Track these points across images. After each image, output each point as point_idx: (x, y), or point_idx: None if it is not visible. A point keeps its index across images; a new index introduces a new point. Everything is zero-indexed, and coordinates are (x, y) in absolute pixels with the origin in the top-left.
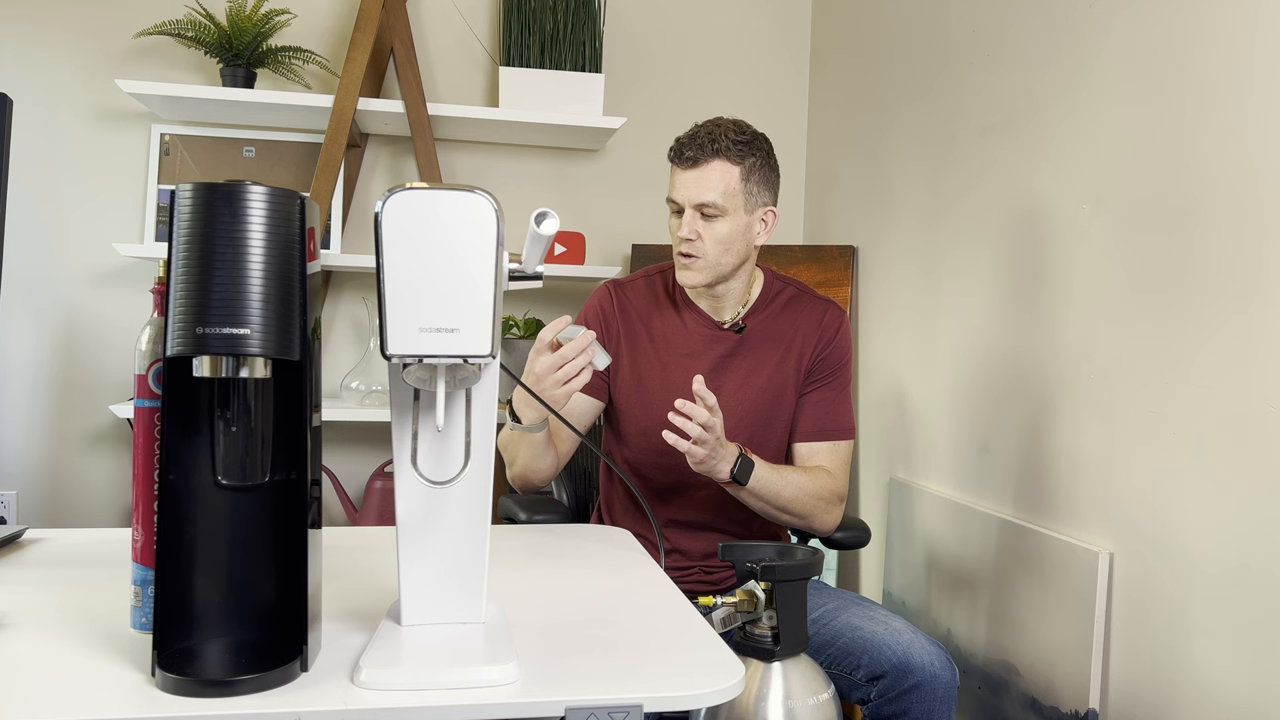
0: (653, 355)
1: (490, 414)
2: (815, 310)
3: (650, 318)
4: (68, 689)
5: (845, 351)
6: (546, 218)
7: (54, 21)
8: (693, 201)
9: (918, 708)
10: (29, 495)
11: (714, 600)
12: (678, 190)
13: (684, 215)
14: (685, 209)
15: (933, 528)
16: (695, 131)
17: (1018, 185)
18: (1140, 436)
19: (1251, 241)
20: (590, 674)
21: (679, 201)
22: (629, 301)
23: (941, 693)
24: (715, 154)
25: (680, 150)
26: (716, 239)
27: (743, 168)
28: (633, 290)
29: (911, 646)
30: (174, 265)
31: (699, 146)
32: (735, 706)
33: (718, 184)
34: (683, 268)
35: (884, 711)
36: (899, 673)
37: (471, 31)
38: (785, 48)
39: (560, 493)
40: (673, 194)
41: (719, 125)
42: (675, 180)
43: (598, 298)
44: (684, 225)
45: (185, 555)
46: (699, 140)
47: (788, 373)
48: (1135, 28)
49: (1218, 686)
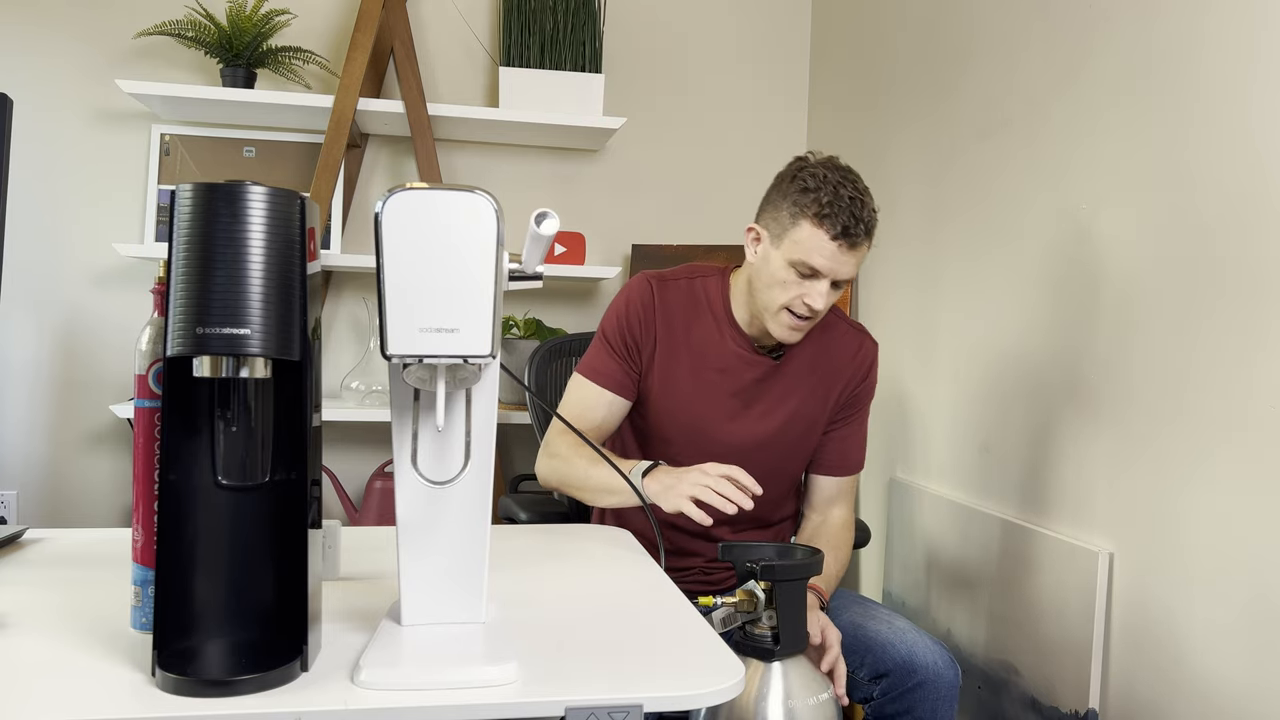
0: (685, 361)
1: (490, 414)
2: (850, 342)
3: (690, 324)
4: (68, 689)
5: (873, 387)
6: (546, 218)
7: (54, 22)
8: (840, 277)
9: (921, 707)
10: (29, 495)
11: (714, 600)
12: (826, 260)
13: (819, 284)
14: (825, 279)
15: (933, 528)
16: (854, 205)
17: (1017, 185)
18: (1140, 436)
19: (1252, 241)
20: (590, 674)
21: (825, 273)
22: (671, 301)
23: (945, 692)
24: (870, 234)
25: (846, 228)
26: (832, 303)
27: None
28: (675, 290)
29: (915, 646)
30: (174, 265)
31: (864, 228)
32: (735, 706)
33: (859, 261)
34: (796, 329)
35: (887, 710)
36: (903, 672)
37: (471, 31)
38: (785, 48)
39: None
40: (817, 264)
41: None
42: (828, 253)
43: (638, 290)
44: (818, 295)
45: (185, 555)
46: (862, 219)
47: (816, 405)
48: (1135, 28)
49: (1218, 686)
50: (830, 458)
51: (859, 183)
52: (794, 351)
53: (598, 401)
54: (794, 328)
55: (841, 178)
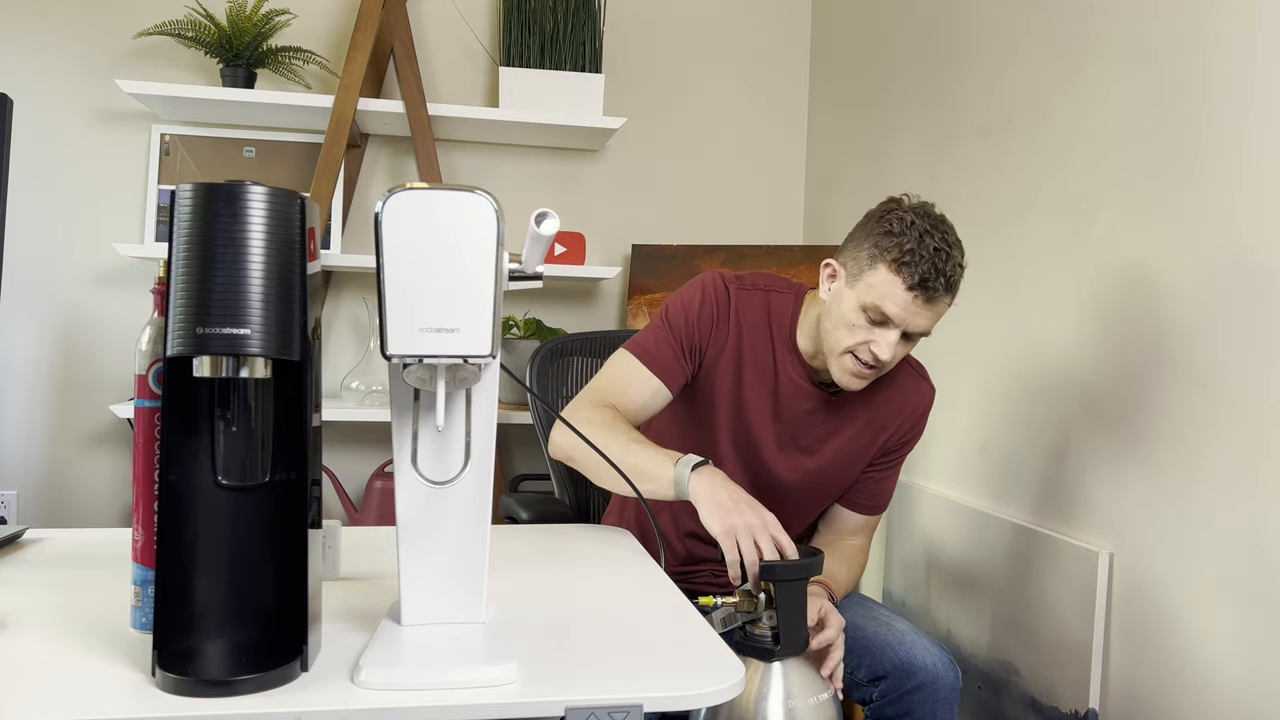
0: (744, 374)
1: (490, 414)
2: (908, 387)
3: (757, 337)
4: (68, 689)
5: (921, 433)
6: (546, 218)
7: (54, 21)
8: (913, 329)
9: (920, 708)
10: (29, 495)
11: (714, 600)
12: (902, 310)
13: (890, 333)
14: (897, 329)
15: (933, 528)
16: (938, 258)
17: (1017, 185)
18: (1140, 436)
19: (1252, 241)
20: (590, 674)
21: (896, 323)
22: (745, 309)
23: (944, 694)
24: (952, 290)
25: (925, 280)
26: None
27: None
28: (748, 301)
29: (914, 647)
30: (174, 265)
31: (945, 284)
32: (735, 706)
33: (938, 316)
34: (859, 377)
35: (886, 712)
36: (901, 674)
37: (471, 31)
38: (785, 48)
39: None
40: (890, 311)
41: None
42: (902, 302)
43: (714, 289)
44: (887, 346)
45: (185, 555)
46: (945, 273)
47: (863, 446)
48: (1135, 27)
49: (1218, 686)
50: (862, 497)
51: (950, 234)
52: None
53: (645, 385)
54: (857, 374)
55: (930, 226)
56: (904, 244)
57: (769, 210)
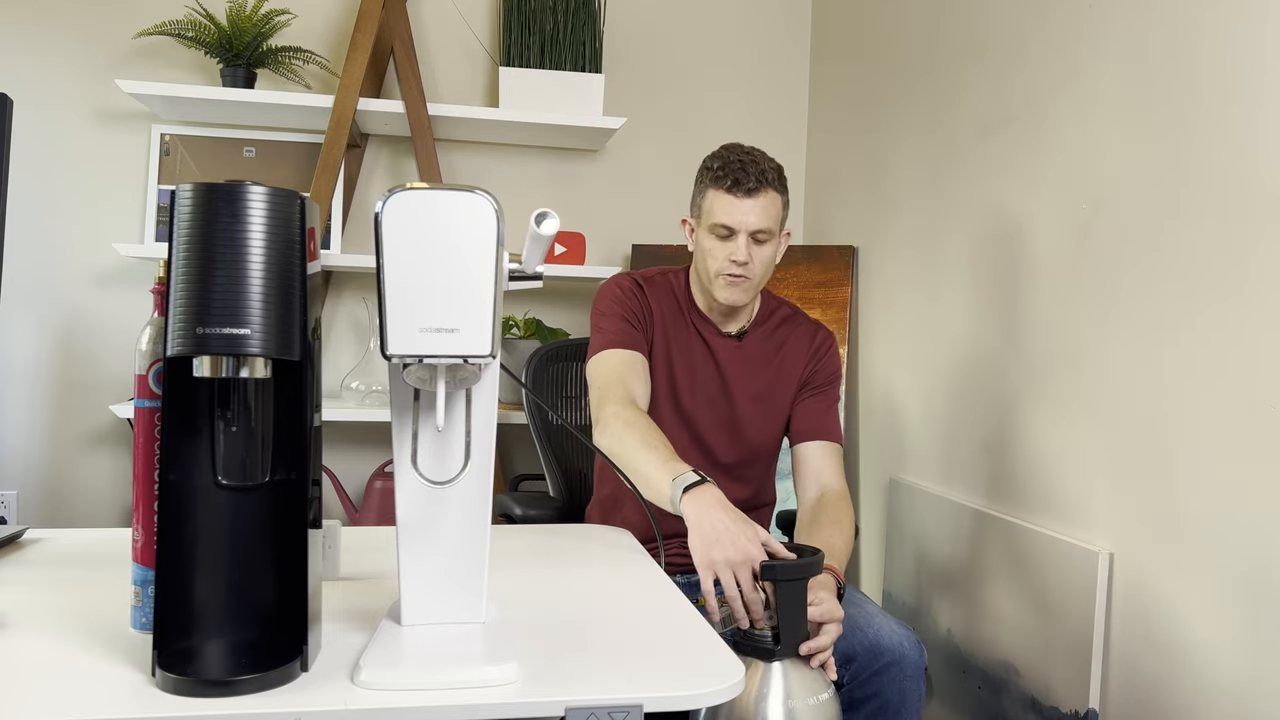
0: (670, 349)
1: (490, 414)
2: (807, 331)
3: (670, 319)
4: (68, 689)
5: (835, 369)
6: (546, 218)
7: (54, 22)
8: (751, 228)
9: (889, 688)
10: (29, 495)
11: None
12: (733, 216)
13: (737, 240)
14: (740, 234)
15: (933, 528)
16: (743, 160)
17: (1018, 185)
18: (1140, 436)
19: (1252, 240)
20: (590, 674)
21: (734, 228)
22: (654, 299)
23: (910, 671)
24: (768, 184)
25: (737, 179)
26: (763, 261)
27: (784, 198)
28: (654, 289)
29: (881, 629)
30: (174, 265)
31: (757, 177)
32: (735, 706)
33: (770, 211)
34: (731, 286)
35: (858, 694)
36: (869, 655)
37: (471, 31)
38: (785, 48)
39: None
40: (725, 220)
41: (759, 155)
42: (728, 206)
43: (628, 283)
44: (739, 250)
45: (185, 555)
46: (753, 171)
47: (783, 385)
48: (1135, 27)
49: (1218, 686)
50: (805, 424)
51: (755, 149)
52: (755, 335)
53: (632, 367)
54: (731, 284)
55: (731, 148)
56: (713, 164)
57: None
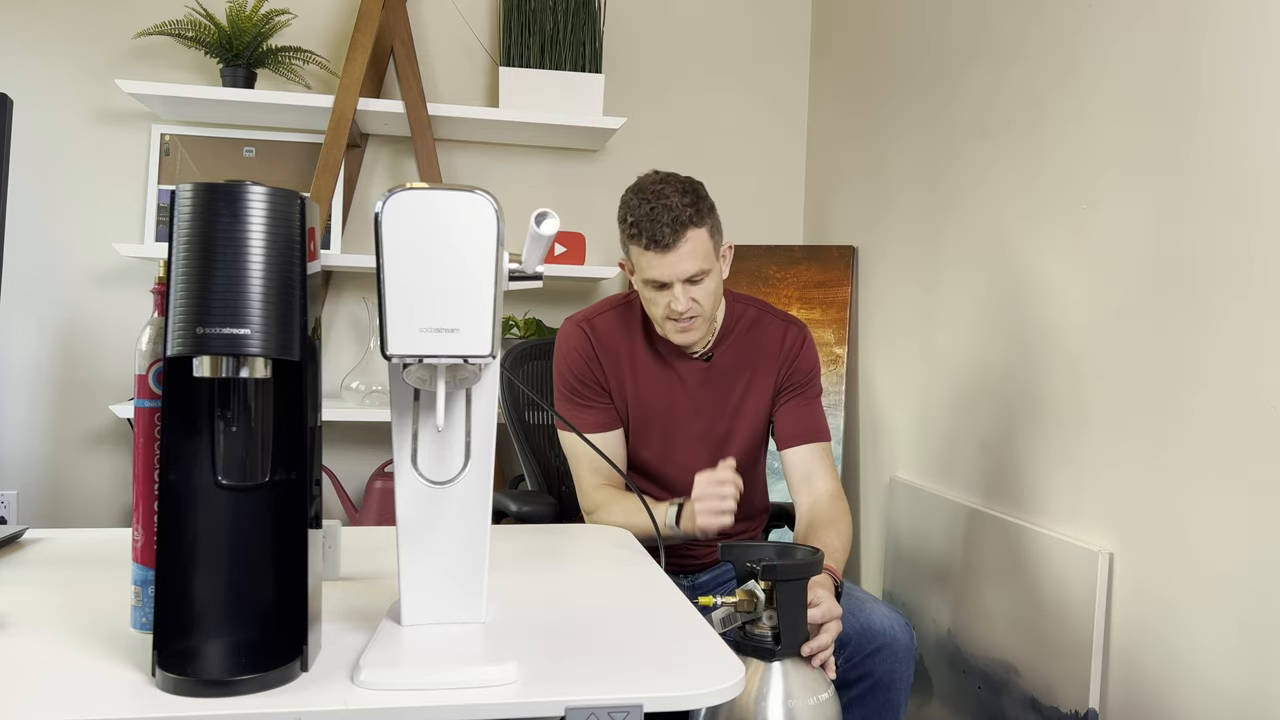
0: (631, 383)
1: (490, 414)
2: (777, 330)
3: (629, 350)
4: (68, 689)
5: (811, 365)
6: (546, 218)
7: (54, 21)
8: (682, 277)
9: (880, 669)
10: (29, 495)
11: (714, 600)
12: (659, 271)
13: (673, 290)
14: (674, 284)
15: (933, 528)
16: (653, 211)
17: (1017, 185)
18: (1140, 436)
19: (1252, 241)
20: (590, 674)
21: (663, 280)
22: (604, 337)
23: (901, 654)
24: (685, 226)
25: (653, 237)
26: (707, 294)
27: (707, 226)
28: (604, 325)
29: (873, 614)
30: (174, 265)
31: (672, 227)
32: (735, 706)
33: (696, 251)
34: (684, 330)
35: (850, 675)
36: (862, 638)
37: (471, 31)
38: (785, 48)
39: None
40: (652, 275)
41: (668, 198)
42: (651, 263)
43: (574, 340)
44: (678, 299)
45: (185, 555)
46: (664, 222)
47: (758, 393)
48: (1135, 27)
49: (1218, 686)
50: (791, 428)
51: (664, 186)
52: (727, 350)
53: (603, 443)
54: (681, 330)
55: (642, 191)
56: (627, 219)
57: (769, 210)
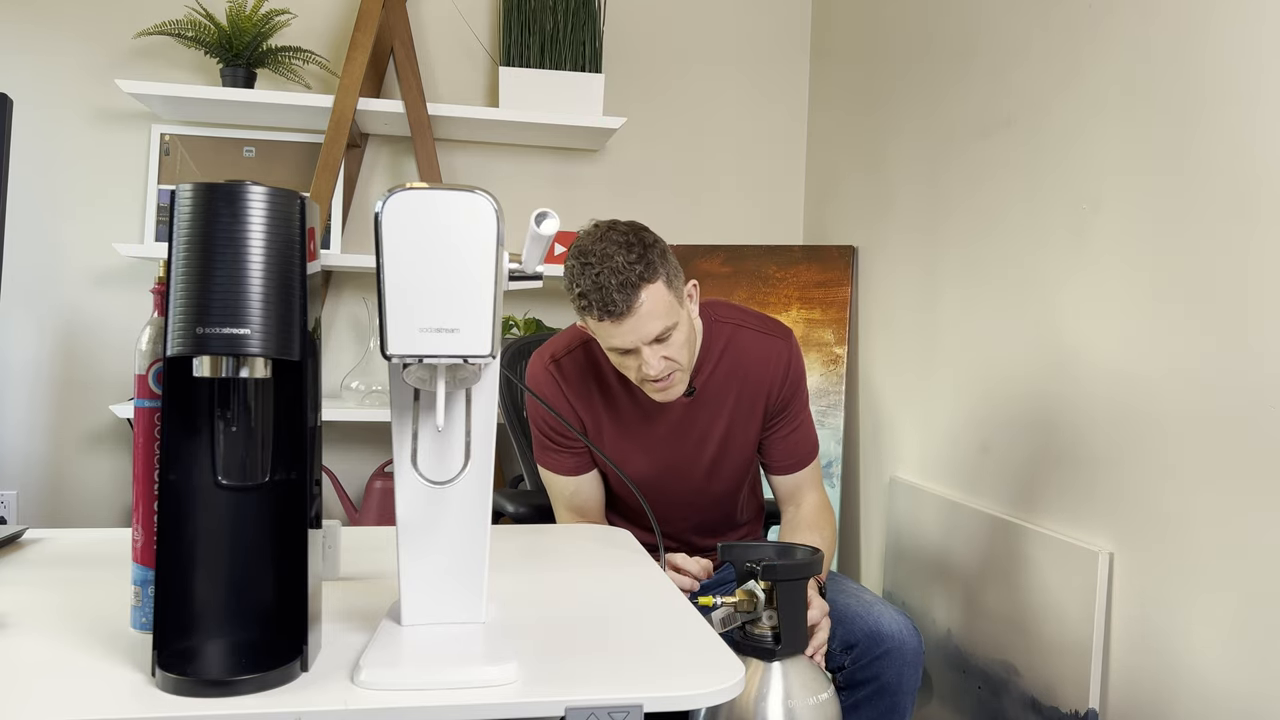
0: (608, 422)
1: (490, 414)
2: (759, 349)
3: (602, 386)
4: (68, 689)
5: (799, 380)
6: (546, 218)
7: (54, 21)
8: (645, 340)
9: (888, 672)
10: (29, 495)
11: (714, 600)
12: (620, 339)
13: (641, 354)
14: (640, 348)
15: (933, 528)
16: (599, 280)
17: (1017, 185)
18: (1140, 436)
19: (1252, 241)
20: (590, 674)
21: (628, 347)
22: (572, 377)
23: (909, 658)
24: (635, 289)
25: (605, 308)
26: (680, 348)
27: (662, 278)
28: (572, 365)
29: (881, 617)
30: (174, 265)
31: (622, 293)
32: (735, 706)
33: (656, 311)
34: (665, 389)
35: (857, 677)
36: (870, 641)
37: (471, 31)
38: (785, 48)
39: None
40: (616, 343)
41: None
42: (610, 332)
43: (542, 382)
44: (648, 363)
45: (185, 555)
46: (612, 288)
47: (744, 419)
48: (1135, 26)
49: (1218, 686)
50: (780, 459)
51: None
52: (709, 380)
53: (578, 487)
54: (661, 389)
55: (583, 260)
56: (575, 290)
57: (769, 210)
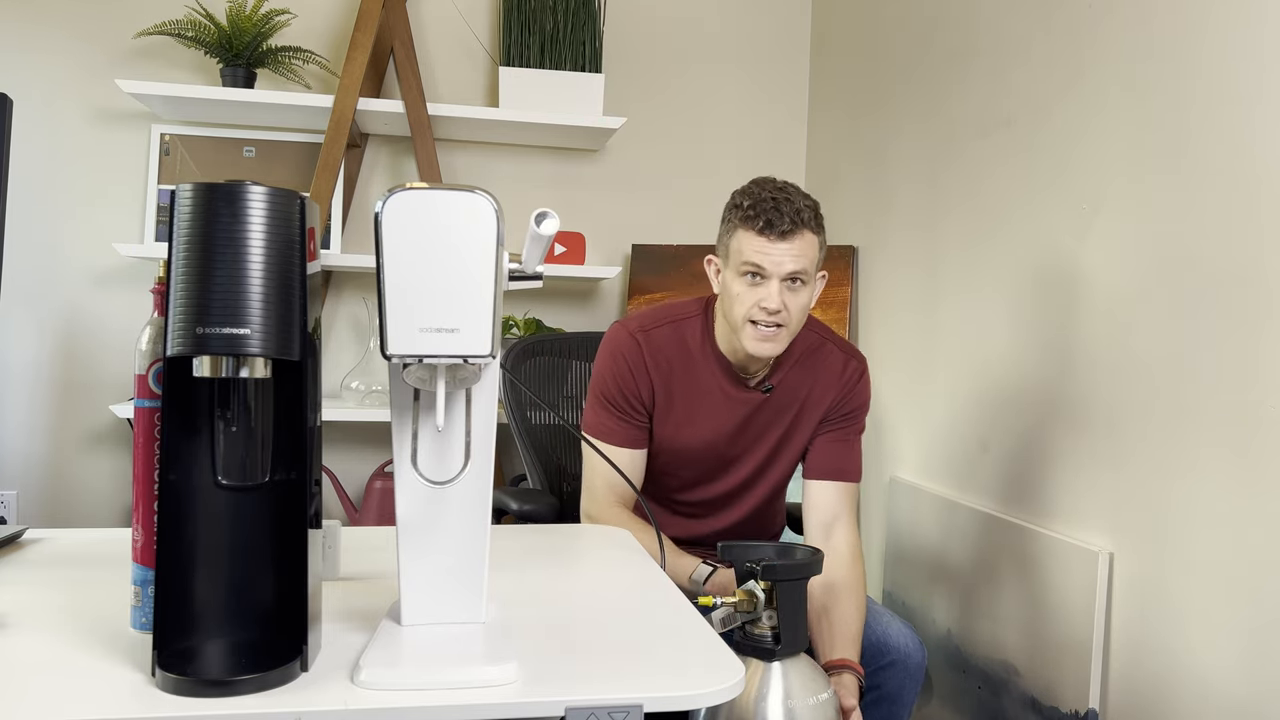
0: (681, 407)
1: (490, 414)
2: (836, 362)
3: (684, 369)
4: (68, 689)
5: (863, 401)
6: (546, 218)
7: (54, 21)
8: (785, 272)
9: (890, 682)
10: (29, 495)
11: (714, 600)
12: (766, 258)
13: (769, 285)
14: (772, 279)
15: (933, 528)
16: (776, 199)
17: (1017, 185)
18: (1140, 436)
19: (1251, 241)
20: (590, 674)
21: (767, 271)
22: (658, 351)
23: (913, 670)
24: (804, 224)
25: (770, 220)
26: (800, 307)
27: (820, 237)
28: (660, 339)
29: (888, 629)
30: (174, 265)
31: (792, 218)
32: (735, 706)
33: (806, 253)
34: (765, 339)
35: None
36: (876, 650)
37: (471, 31)
38: (785, 48)
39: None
40: (757, 260)
41: (793, 194)
42: (760, 247)
43: (625, 346)
44: (771, 296)
45: (185, 555)
46: (787, 210)
47: (801, 422)
48: (1135, 27)
49: (1218, 686)
50: (822, 461)
51: (787, 185)
52: (784, 381)
53: (623, 461)
54: (762, 338)
55: (762, 184)
56: (744, 203)
57: None
